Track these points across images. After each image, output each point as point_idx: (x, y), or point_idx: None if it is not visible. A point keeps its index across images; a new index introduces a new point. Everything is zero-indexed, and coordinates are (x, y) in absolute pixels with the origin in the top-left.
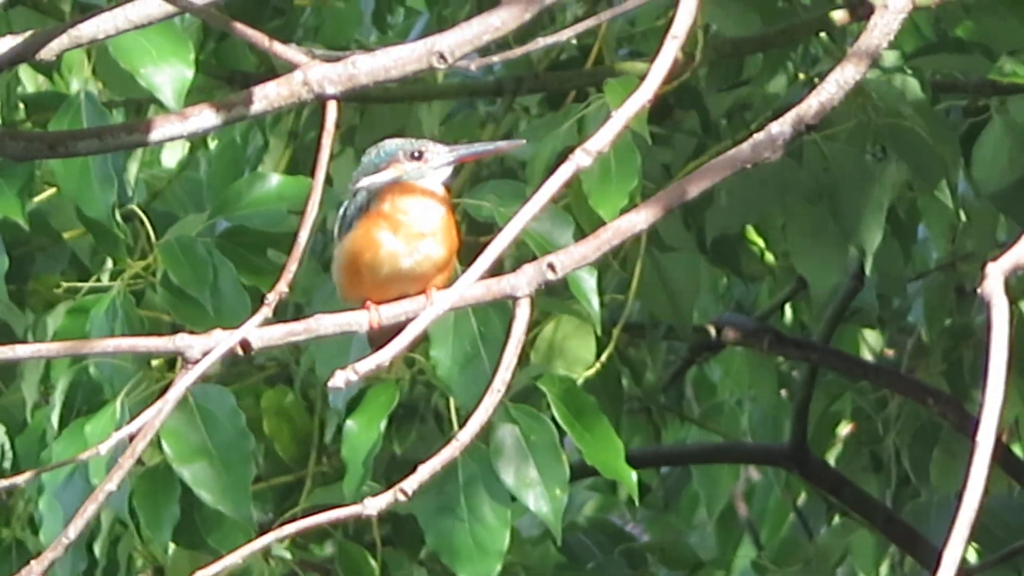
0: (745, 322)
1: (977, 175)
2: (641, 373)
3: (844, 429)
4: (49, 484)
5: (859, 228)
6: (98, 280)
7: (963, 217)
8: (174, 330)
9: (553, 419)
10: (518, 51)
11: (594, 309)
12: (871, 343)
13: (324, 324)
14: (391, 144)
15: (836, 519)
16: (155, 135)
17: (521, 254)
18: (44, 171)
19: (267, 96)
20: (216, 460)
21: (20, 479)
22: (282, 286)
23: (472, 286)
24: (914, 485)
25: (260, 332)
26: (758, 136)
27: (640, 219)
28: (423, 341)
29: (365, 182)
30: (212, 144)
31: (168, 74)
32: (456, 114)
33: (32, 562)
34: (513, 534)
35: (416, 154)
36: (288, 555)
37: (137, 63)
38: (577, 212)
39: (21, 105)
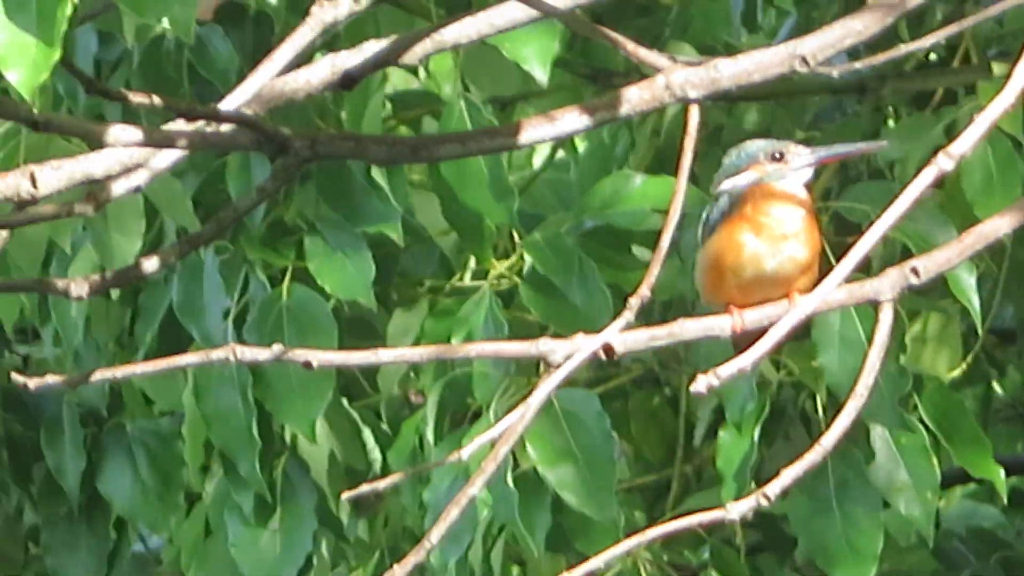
0: None
1: None
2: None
3: None
4: (432, 491)
5: None
6: (460, 279)
7: None
8: (540, 331)
9: (922, 421)
10: (881, 57)
11: (974, 306)
12: None
13: (687, 329)
14: (752, 145)
15: None
16: (523, 138)
17: (887, 254)
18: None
19: (630, 100)
20: (581, 463)
21: (394, 478)
22: (645, 290)
23: (835, 290)
24: None
25: (623, 336)
26: None
27: (1004, 223)
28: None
29: (727, 185)
30: (580, 146)
31: (534, 47)
32: (823, 120)
33: (395, 566)
34: (888, 540)
35: (777, 155)
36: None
37: (503, 39)
38: (950, 213)
39: (388, 104)
